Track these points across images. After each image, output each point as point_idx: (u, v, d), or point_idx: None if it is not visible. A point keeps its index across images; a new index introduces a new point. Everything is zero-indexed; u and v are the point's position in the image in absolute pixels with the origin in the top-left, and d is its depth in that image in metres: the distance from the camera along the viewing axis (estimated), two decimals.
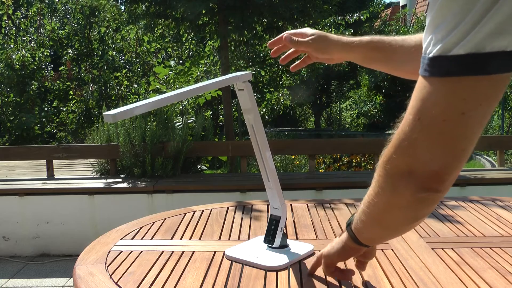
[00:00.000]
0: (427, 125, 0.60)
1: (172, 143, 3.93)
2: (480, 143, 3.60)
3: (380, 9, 17.03)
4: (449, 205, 1.59)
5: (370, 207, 0.75)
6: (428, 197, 0.65)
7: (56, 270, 3.33)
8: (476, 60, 0.54)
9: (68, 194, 3.66)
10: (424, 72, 0.59)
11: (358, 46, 1.00)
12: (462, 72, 0.55)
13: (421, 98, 0.60)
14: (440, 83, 0.58)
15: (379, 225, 0.77)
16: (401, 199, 0.67)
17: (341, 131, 13.41)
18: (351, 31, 7.33)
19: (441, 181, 0.63)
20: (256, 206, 1.61)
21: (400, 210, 0.70)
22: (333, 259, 0.91)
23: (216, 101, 8.96)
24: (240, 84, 1.02)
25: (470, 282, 0.96)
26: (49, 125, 9.08)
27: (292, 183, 3.63)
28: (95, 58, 9.76)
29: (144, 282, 0.98)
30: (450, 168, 0.62)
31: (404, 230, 0.79)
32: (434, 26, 0.57)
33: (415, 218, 0.72)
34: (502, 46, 0.53)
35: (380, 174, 0.69)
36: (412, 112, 0.61)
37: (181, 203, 3.46)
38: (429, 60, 0.58)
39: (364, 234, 0.83)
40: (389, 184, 0.68)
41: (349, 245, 0.86)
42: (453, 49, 0.55)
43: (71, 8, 11.28)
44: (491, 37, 0.53)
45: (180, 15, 4.98)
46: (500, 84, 0.56)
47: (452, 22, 0.55)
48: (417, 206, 0.67)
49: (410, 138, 0.62)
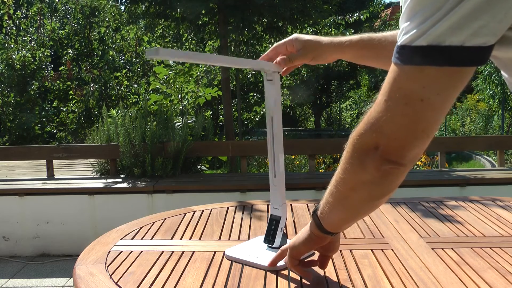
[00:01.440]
0: (391, 106, 0.65)
1: (172, 143, 3.93)
2: (480, 143, 3.62)
3: (380, 9, 17.04)
4: (449, 205, 1.59)
5: (337, 186, 0.78)
6: (392, 171, 0.70)
7: (56, 270, 3.33)
8: (435, 52, 0.59)
9: (68, 194, 3.66)
10: (393, 58, 0.64)
11: (349, 46, 1.02)
12: (423, 62, 0.60)
13: (389, 81, 0.65)
14: (404, 70, 0.63)
15: (344, 205, 0.80)
16: (367, 173, 0.71)
17: (341, 131, 13.42)
18: (351, 31, 7.33)
19: (403, 156, 0.68)
20: (256, 206, 1.61)
21: (365, 185, 0.74)
22: (298, 249, 0.93)
23: (216, 101, 8.96)
24: (270, 74, 1.06)
25: (470, 282, 0.96)
26: (49, 125, 9.08)
27: (292, 183, 3.63)
28: (95, 58, 9.76)
29: (144, 282, 0.98)
30: (411, 145, 0.67)
31: (367, 209, 0.82)
32: (407, 18, 0.61)
33: (380, 195, 0.75)
34: (460, 41, 0.58)
35: (349, 150, 0.74)
36: (381, 93, 0.67)
37: (181, 203, 3.46)
38: (397, 48, 0.63)
39: (329, 218, 0.85)
40: (356, 159, 0.73)
41: (315, 233, 0.88)
42: (417, 40, 0.60)
43: (71, 8, 11.28)
44: (451, 31, 0.57)
45: (180, 15, 4.98)
46: (458, 76, 0.61)
47: (421, 17, 0.59)
48: (382, 180, 0.71)
49: (377, 117, 0.67)
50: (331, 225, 0.86)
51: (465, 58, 0.59)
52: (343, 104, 18.72)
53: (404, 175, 0.71)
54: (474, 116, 10.96)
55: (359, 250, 1.15)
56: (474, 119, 10.93)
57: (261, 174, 4.56)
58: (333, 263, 1.06)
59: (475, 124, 10.68)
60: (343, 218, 0.85)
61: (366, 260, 1.08)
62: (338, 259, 1.09)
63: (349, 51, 1.03)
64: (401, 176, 0.71)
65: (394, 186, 0.73)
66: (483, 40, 0.58)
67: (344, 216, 0.84)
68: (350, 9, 13.03)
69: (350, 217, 0.85)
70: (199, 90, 5.82)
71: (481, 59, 0.59)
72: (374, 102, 0.69)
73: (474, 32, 0.57)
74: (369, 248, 1.16)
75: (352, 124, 14.84)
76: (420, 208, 1.57)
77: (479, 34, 0.57)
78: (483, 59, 0.60)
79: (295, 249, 0.93)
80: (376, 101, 0.68)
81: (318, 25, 6.79)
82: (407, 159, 0.68)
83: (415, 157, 0.69)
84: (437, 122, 0.66)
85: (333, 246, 0.94)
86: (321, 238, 0.89)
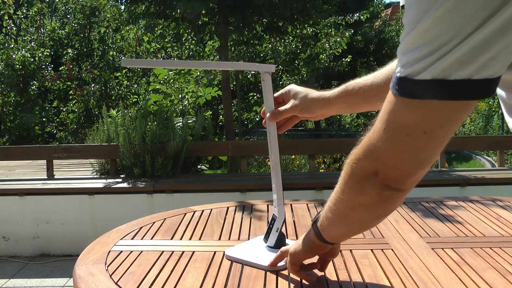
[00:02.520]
0: (392, 136, 0.63)
1: (172, 143, 3.93)
2: (480, 143, 3.62)
3: (380, 9, 17.03)
4: (449, 205, 1.59)
5: (336, 204, 0.78)
6: (392, 196, 0.69)
7: (56, 270, 3.33)
8: (440, 86, 0.56)
9: (68, 194, 3.66)
10: (392, 88, 0.61)
11: (336, 98, 1.02)
12: (427, 96, 0.58)
13: (388, 111, 0.63)
14: (405, 102, 0.60)
15: (344, 222, 0.80)
16: (366, 197, 0.71)
17: (341, 131, 13.42)
18: (351, 31, 7.32)
19: (404, 183, 0.67)
20: (256, 206, 1.61)
21: (365, 208, 0.73)
22: (299, 257, 0.93)
23: (216, 101, 8.96)
24: (262, 75, 1.07)
25: (470, 282, 0.96)
26: (49, 125, 9.08)
27: (292, 183, 3.63)
28: (95, 58, 9.76)
29: (144, 282, 0.98)
30: (412, 173, 0.66)
31: (367, 227, 0.83)
32: (407, 49, 0.58)
33: (380, 216, 0.76)
34: (467, 74, 0.54)
35: (347, 172, 0.73)
36: (380, 121, 0.65)
37: (181, 203, 3.46)
38: (397, 79, 0.60)
39: (329, 231, 0.85)
40: (355, 183, 0.72)
41: (315, 243, 0.88)
42: (421, 73, 0.56)
43: (71, 8, 11.28)
44: (458, 65, 0.54)
45: (180, 15, 4.98)
46: (463, 109, 0.59)
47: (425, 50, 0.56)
48: (382, 204, 0.71)
49: (376, 144, 0.66)
50: (331, 237, 0.86)
51: (472, 91, 0.55)
52: None
53: (405, 197, 0.70)
54: (474, 116, 10.96)
55: (359, 250, 1.15)
56: (474, 119, 10.93)
57: (261, 174, 4.56)
58: (333, 263, 1.06)
59: (475, 124, 10.68)
60: (343, 232, 0.85)
61: (366, 260, 1.08)
62: (338, 259, 1.09)
63: (336, 104, 1.03)
64: (402, 199, 0.71)
65: (395, 207, 0.73)
66: (491, 72, 0.54)
67: (344, 231, 0.84)
68: (350, 9, 13.02)
69: (349, 232, 0.86)
70: (199, 90, 5.83)
71: (488, 91, 0.56)
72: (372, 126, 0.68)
73: (482, 64, 0.53)
74: (369, 248, 1.16)
75: (352, 124, 14.83)
76: (420, 208, 1.57)
77: (488, 66, 0.54)
78: (491, 91, 0.56)
79: (295, 256, 0.93)
80: (374, 127, 0.67)
81: (318, 25, 6.79)
82: (407, 185, 0.68)
83: (415, 181, 0.68)
84: (439, 150, 0.64)
85: (333, 251, 0.94)
86: (321, 247, 0.89)
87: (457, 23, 0.53)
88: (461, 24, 0.52)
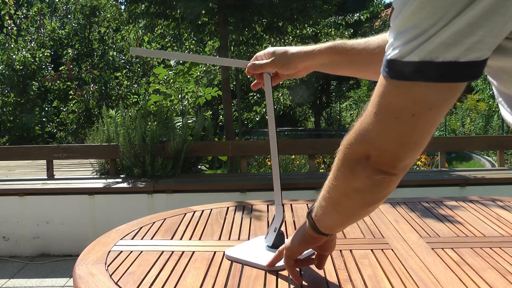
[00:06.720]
0: (382, 119, 0.64)
1: (172, 143, 3.93)
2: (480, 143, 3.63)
3: (380, 9, 17.04)
4: (449, 205, 1.59)
5: (330, 192, 0.79)
6: (384, 180, 0.70)
7: (56, 270, 3.33)
8: (428, 68, 0.57)
9: (68, 194, 3.66)
10: (383, 71, 0.62)
11: (320, 52, 1.01)
12: (415, 78, 0.59)
13: (378, 94, 0.64)
14: (394, 85, 0.61)
15: (337, 210, 0.80)
16: (359, 181, 0.72)
17: (341, 131, 13.41)
18: (351, 31, 7.32)
19: (394, 166, 0.68)
20: (256, 206, 1.61)
21: (357, 193, 0.74)
22: (294, 249, 0.93)
23: (216, 101, 8.96)
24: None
25: (470, 282, 0.96)
26: (49, 125, 9.08)
27: (292, 183, 3.63)
28: (95, 58, 9.76)
29: (144, 282, 0.98)
30: (402, 157, 0.67)
31: (361, 214, 0.82)
32: (397, 31, 0.59)
33: (372, 201, 0.75)
34: (454, 57, 0.55)
35: (340, 158, 0.74)
36: (371, 105, 0.66)
37: (181, 203, 3.46)
38: (387, 61, 0.61)
39: (323, 221, 0.85)
40: (347, 168, 0.73)
41: (310, 234, 0.89)
42: (409, 55, 0.58)
43: (71, 8, 11.28)
44: (445, 47, 0.55)
45: (180, 15, 4.98)
46: (451, 91, 0.59)
47: (413, 33, 0.57)
48: (374, 189, 0.71)
49: (367, 128, 0.67)
50: (326, 227, 0.86)
51: (459, 73, 0.57)
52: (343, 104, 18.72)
53: (397, 183, 0.71)
54: (474, 116, 10.97)
55: (359, 250, 1.15)
56: (474, 119, 10.93)
57: (261, 174, 4.56)
58: (333, 263, 1.06)
59: (475, 124, 10.68)
60: (337, 221, 0.85)
61: (366, 260, 1.08)
62: (338, 259, 1.09)
63: (320, 57, 1.01)
64: (394, 184, 0.71)
65: (387, 193, 0.73)
66: (478, 54, 0.56)
67: (338, 220, 0.84)
68: (350, 9, 13.03)
69: (344, 221, 0.86)
70: (199, 90, 5.83)
71: (475, 74, 0.57)
72: (364, 111, 0.69)
73: (469, 47, 0.55)
74: (369, 248, 1.16)
75: (352, 124, 14.88)
76: (420, 208, 1.57)
77: (474, 49, 0.55)
78: (477, 74, 0.58)
79: (290, 249, 0.93)
80: (365, 112, 0.68)
81: (318, 25, 6.78)
82: (398, 169, 0.68)
83: (407, 166, 0.68)
84: (429, 134, 0.65)
85: (329, 245, 0.94)
86: (316, 238, 0.89)
87: (442, 6, 0.54)
88: (446, 7, 0.54)
